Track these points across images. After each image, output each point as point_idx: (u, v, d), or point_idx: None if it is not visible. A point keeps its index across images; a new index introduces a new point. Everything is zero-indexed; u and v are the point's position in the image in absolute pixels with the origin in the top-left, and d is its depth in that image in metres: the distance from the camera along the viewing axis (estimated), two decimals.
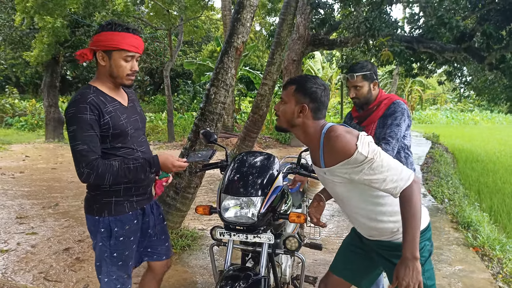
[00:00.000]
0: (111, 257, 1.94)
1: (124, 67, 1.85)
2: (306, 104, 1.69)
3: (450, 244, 4.27)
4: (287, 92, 1.75)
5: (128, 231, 1.94)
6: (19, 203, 5.63)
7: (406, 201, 1.54)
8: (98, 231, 1.91)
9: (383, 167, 1.55)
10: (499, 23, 6.99)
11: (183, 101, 23.43)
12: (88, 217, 1.95)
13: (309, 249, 3.04)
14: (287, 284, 2.52)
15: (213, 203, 5.25)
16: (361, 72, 2.48)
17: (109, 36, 1.80)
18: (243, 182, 1.91)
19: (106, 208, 1.90)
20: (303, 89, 1.71)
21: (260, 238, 1.93)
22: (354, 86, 2.50)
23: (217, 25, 23.71)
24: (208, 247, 3.69)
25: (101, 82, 1.89)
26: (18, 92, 22.81)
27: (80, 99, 1.77)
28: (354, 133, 1.62)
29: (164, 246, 2.21)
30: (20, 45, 14.04)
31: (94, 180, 1.76)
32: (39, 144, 12.55)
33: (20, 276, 3.36)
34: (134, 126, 1.95)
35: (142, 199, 2.02)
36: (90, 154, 1.75)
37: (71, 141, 1.76)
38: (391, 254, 1.76)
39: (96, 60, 1.86)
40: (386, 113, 2.49)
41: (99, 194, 1.91)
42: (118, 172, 1.80)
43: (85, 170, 1.74)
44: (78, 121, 1.74)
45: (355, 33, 7.92)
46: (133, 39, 1.84)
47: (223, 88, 3.65)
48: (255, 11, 3.75)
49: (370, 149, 1.56)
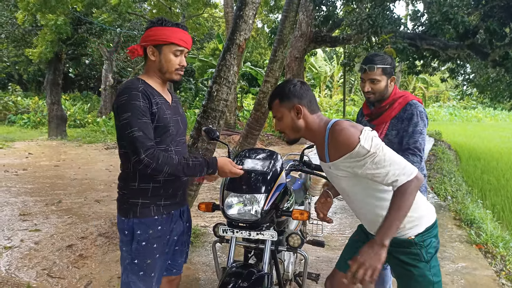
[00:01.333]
0: (132, 264, 1.84)
1: (174, 61, 1.84)
2: (298, 104, 1.73)
3: (453, 241, 4.26)
4: (275, 107, 1.79)
5: (152, 236, 1.84)
6: (22, 200, 5.65)
7: (399, 193, 1.55)
8: (123, 233, 1.86)
9: (385, 161, 1.56)
10: (502, 20, 6.96)
11: (185, 99, 23.46)
12: (118, 216, 1.91)
13: (311, 246, 3.05)
14: (289, 281, 2.52)
15: (215, 200, 5.25)
16: (382, 65, 2.24)
17: (159, 31, 1.81)
18: (246, 179, 1.91)
19: (131, 209, 1.83)
20: (285, 95, 1.76)
21: (263, 235, 1.92)
22: (371, 79, 2.26)
23: (219, 22, 23.66)
24: (211, 244, 3.69)
25: (149, 76, 1.88)
26: (21, 89, 22.87)
27: (131, 87, 1.75)
28: (358, 127, 1.63)
29: (183, 259, 2.11)
30: (23, 43, 14.07)
31: (152, 170, 1.69)
32: (42, 141, 12.58)
33: (24, 272, 3.38)
34: (176, 126, 1.90)
35: (170, 204, 1.91)
36: (148, 141, 1.69)
37: (124, 129, 1.69)
38: (396, 250, 1.76)
39: (145, 55, 1.87)
40: (401, 115, 2.28)
41: (127, 194, 1.84)
42: (177, 166, 1.73)
43: (145, 158, 1.66)
44: (132, 107, 1.70)
45: (357, 30, 7.89)
46: (182, 34, 1.84)
47: (225, 85, 3.65)
48: (258, 8, 3.74)
49: (373, 143, 1.56)
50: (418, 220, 1.71)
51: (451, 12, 6.71)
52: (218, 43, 17.30)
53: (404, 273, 1.79)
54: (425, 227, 1.72)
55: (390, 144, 2.22)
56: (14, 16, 12.57)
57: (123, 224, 1.85)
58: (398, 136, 2.30)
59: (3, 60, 19.30)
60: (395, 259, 1.79)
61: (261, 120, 5.99)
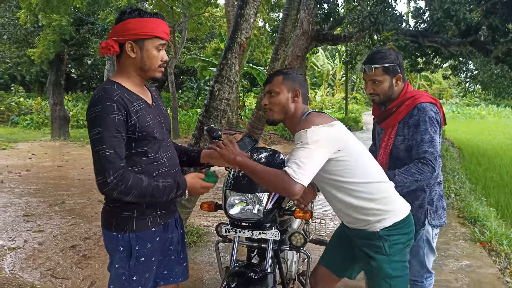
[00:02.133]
0: (130, 281, 1.68)
1: (157, 57, 1.63)
2: (299, 89, 1.79)
3: (457, 239, 4.24)
4: (275, 82, 1.81)
5: (150, 250, 1.69)
6: (26, 201, 5.67)
7: (275, 171, 1.61)
8: (116, 250, 1.66)
9: (306, 157, 1.57)
10: (505, 16, 6.91)
11: (187, 98, 23.46)
12: (106, 233, 1.69)
13: (314, 245, 3.04)
14: (293, 280, 2.52)
15: (218, 200, 5.25)
16: (381, 63, 2.01)
17: (140, 23, 1.57)
18: (248, 179, 1.91)
19: (126, 223, 1.64)
20: (291, 76, 1.81)
21: (266, 234, 1.92)
22: (372, 80, 2.05)
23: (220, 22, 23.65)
24: (214, 243, 3.70)
25: (125, 77, 1.64)
26: (23, 90, 22.93)
27: (105, 97, 1.53)
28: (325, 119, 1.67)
29: (182, 266, 1.93)
30: (25, 44, 14.11)
31: (118, 193, 1.52)
32: (45, 142, 12.62)
33: (28, 273, 3.39)
34: (160, 130, 1.70)
35: (166, 213, 1.76)
36: (118, 161, 1.51)
37: (95, 145, 1.51)
38: (362, 243, 1.81)
39: (119, 53, 1.62)
40: (407, 120, 2.03)
41: (119, 206, 1.64)
42: (146, 189, 1.57)
43: (113, 180, 1.49)
44: (104, 121, 1.50)
45: (359, 27, 7.87)
46: (164, 25, 1.64)
47: (227, 84, 3.64)
48: (259, 6, 3.72)
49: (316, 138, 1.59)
50: (386, 214, 1.73)
51: (453, 8, 6.67)
52: (220, 42, 17.29)
53: (366, 267, 1.85)
54: (393, 222, 1.74)
55: (397, 151, 2.09)
56: (16, 17, 12.60)
57: (116, 240, 1.65)
58: (404, 143, 2.06)
59: (6, 61, 19.36)
60: (361, 251, 1.83)
61: (263, 119, 5.97)
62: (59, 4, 9.97)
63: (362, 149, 1.77)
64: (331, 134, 1.63)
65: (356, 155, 1.71)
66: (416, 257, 2.11)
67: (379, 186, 1.75)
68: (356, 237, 1.85)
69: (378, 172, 1.78)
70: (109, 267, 1.73)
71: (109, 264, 1.73)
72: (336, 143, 1.64)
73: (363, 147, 1.80)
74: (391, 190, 1.79)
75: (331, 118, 1.71)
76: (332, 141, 1.63)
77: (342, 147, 1.65)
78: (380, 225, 1.73)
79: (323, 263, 2.07)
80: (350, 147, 1.69)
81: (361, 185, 1.70)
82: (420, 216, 2.06)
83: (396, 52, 2.08)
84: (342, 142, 1.66)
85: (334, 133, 1.64)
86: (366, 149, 1.82)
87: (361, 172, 1.71)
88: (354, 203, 1.73)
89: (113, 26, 1.63)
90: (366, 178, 1.71)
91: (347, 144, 1.68)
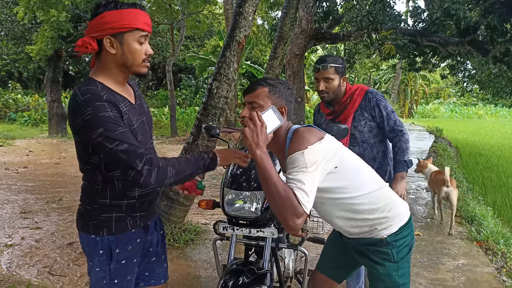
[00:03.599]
0: (111, 284, 1.61)
1: (139, 51, 1.49)
2: (285, 106, 1.61)
3: (453, 238, 4.26)
4: (259, 95, 1.59)
5: (131, 252, 1.63)
6: (23, 198, 5.66)
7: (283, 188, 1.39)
8: (95, 253, 1.58)
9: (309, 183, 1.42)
10: (503, 16, 6.93)
11: (185, 96, 23.44)
12: (83, 235, 1.60)
13: (312, 243, 3.04)
14: (290, 278, 2.52)
15: (216, 198, 5.25)
16: (335, 64, 2.40)
17: (117, 16, 1.43)
18: (246, 177, 1.91)
19: (105, 225, 1.56)
20: (278, 90, 1.61)
21: (263, 232, 1.93)
22: (325, 78, 2.41)
23: (219, 20, 23.62)
24: (211, 241, 3.70)
25: (106, 76, 1.51)
26: (21, 87, 22.86)
27: (93, 98, 1.40)
28: (317, 135, 1.52)
29: (162, 268, 1.88)
30: (23, 40, 14.05)
31: (156, 177, 1.42)
32: (42, 139, 12.59)
33: (25, 270, 3.38)
34: (142, 130, 1.59)
35: (146, 214, 1.69)
36: (137, 149, 1.41)
37: (104, 146, 1.39)
38: (367, 249, 1.72)
39: (98, 51, 1.49)
40: (365, 104, 2.46)
41: (97, 208, 1.56)
42: (179, 166, 1.48)
43: (144, 167, 1.39)
44: (101, 121, 1.38)
45: (358, 26, 7.88)
46: (145, 16, 1.49)
47: (225, 82, 3.64)
48: (257, 4, 3.72)
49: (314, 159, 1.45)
50: (392, 220, 1.66)
51: (453, 7, 6.68)
52: (219, 40, 17.27)
53: (372, 273, 1.74)
54: (399, 227, 1.67)
55: (361, 134, 2.50)
56: (13, 13, 12.55)
57: (95, 243, 1.57)
58: (367, 125, 2.49)
59: (3, 58, 19.29)
60: (365, 258, 1.75)
61: None
62: (57, 1, 9.94)
63: (355, 159, 1.67)
64: (326, 151, 1.50)
65: (352, 167, 1.62)
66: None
67: (379, 194, 1.66)
68: (359, 245, 1.77)
69: (375, 178, 1.70)
70: (89, 272, 1.65)
71: (89, 268, 1.64)
72: (333, 160, 1.52)
73: (354, 154, 1.69)
74: (390, 194, 1.73)
75: (320, 131, 1.57)
76: (329, 159, 1.51)
77: (338, 162, 1.54)
78: (387, 232, 1.66)
79: (320, 270, 2.01)
80: (345, 160, 1.58)
81: (363, 197, 1.61)
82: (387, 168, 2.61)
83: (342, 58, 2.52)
84: (337, 157, 1.54)
85: (329, 149, 1.51)
86: (356, 156, 1.70)
87: (360, 184, 1.62)
88: (357, 217, 1.64)
89: (89, 22, 1.50)
90: (366, 189, 1.62)
91: (342, 157, 1.56)
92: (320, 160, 1.46)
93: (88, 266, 1.65)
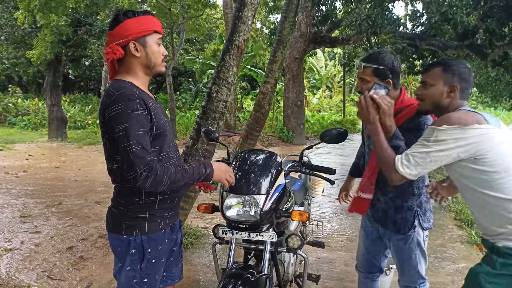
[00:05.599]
0: (141, 283, 1.69)
1: (158, 51, 1.67)
2: (457, 84, 1.70)
3: (453, 241, 4.26)
4: (433, 74, 1.74)
5: (161, 251, 1.72)
6: (23, 202, 5.65)
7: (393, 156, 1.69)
8: (127, 253, 1.65)
9: (419, 154, 1.59)
10: (502, 20, 6.96)
11: (185, 100, 23.46)
12: (114, 236, 1.68)
13: (312, 247, 3.04)
14: (289, 282, 2.52)
15: (215, 201, 5.26)
16: (373, 64, 1.97)
17: (137, 22, 1.61)
18: (245, 180, 1.91)
19: (138, 225, 1.65)
20: (451, 69, 1.71)
21: (263, 236, 1.92)
22: (361, 78, 2.03)
23: (218, 24, 23.69)
24: (211, 245, 3.70)
25: (134, 77, 1.66)
26: (21, 91, 22.88)
27: (126, 93, 1.54)
28: (466, 119, 1.53)
29: (178, 268, 1.97)
30: (23, 44, 14.08)
31: (150, 184, 1.52)
32: (42, 143, 12.59)
33: (24, 274, 3.38)
34: (168, 129, 1.74)
35: (174, 214, 1.80)
36: (147, 155, 1.52)
37: (121, 141, 1.51)
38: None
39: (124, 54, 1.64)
40: (407, 126, 1.94)
41: (132, 209, 1.65)
42: (176, 176, 1.58)
43: (143, 173, 1.50)
44: (130, 117, 1.51)
45: (357, 30, 7.91)
46: (157, 21, 1.68)
47: (224, 86, 3.65)
48: (257, 8, 3.74)
49: (442, 138, 1.53)
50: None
51: (450, 12, 6.72)
52: (219, 44, 17.31)
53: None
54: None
55: None
56: (13, 17, 12.58)
57: (127, 243, 1.65)
58: None
59: (3, 62, 19.33)
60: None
61: (261, 121, 5.99)
62: (57, 6, 9.97)
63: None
64: (464, 137, 1.49)
65: (504, 166, 1.50)
66: (408, 261, 2.10)
67: None
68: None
69: None
70: (117, 272, 1.72)
71: (118, 269, 1.71)
72: (470, 149, 1.49)
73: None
74: None
75: (479, 119, 1.53)
76: (464, 146, 1.49)
77: (482, 155, 1.49)
78: (506, 243, 1.52)
79: None
80: (496, 156, 1.49)
81: (503, 202, 1.51)
82: (410, 218, 2.03)
83: (395, 57, 2.01)
84: (481, 149, 1.48)
85: (470, 137, 1.49)
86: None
87: (509, 188, 1.50)
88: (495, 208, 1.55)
89: (110, 32, 1.64)
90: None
91: (491, 152, 1.48)
92: (449, 141, 1.52)
93: (116, 267, 1.72)
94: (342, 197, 2.63)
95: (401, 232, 2.05)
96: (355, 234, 4.46)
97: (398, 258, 2.16)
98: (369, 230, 2.28)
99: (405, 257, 2.09)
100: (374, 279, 2.40)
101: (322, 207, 5.57)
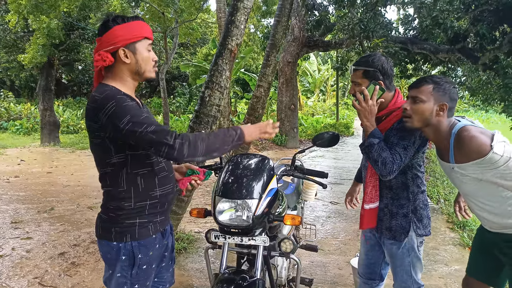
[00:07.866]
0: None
1: (148, 57, 1.64)
2: (446, 103, 1.71)
3: (446, 244, 4.28)
4: (424, 91, 1.74)
5: (152, 257, 1.70)
6: (14, 207, 5.59)
7: None
8: (118, 260, 1.63)
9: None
10: (492, 24, 7.04)
11: (179, 104, 23.43)
12: (104, 243, 1.65)
13: (305, 250, 3.04)
14: (283, 286, 2.52)
15: (208, 206, 5.24)
16: (363, 66, 1.99)
17: (126, 28, 1.57)
18: (237, 185, 1.90)
19: (128, 231, 1.62)
20: (442, 88, 1.73)
21: (255, 240, 1.92)
22: (353, 81, 2.04)
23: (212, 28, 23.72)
24: (204, 250, 3.68)
25: (118, 83, 1.61)
26: (13, 95, 22.68)
27: (112, 94, 1.52)
28: (488, 133, 1.64)
29: (169, 273, 1.94)
30: (15, 48, 13.98)
31: (188, 151, 1.45)
32: (34, 148, 12.48)
33: (15, 281, 3.34)
34: None
35: (165, 219, 1.77)
36: (165, 127, 1.47)
37: (134, 131, 1.44)
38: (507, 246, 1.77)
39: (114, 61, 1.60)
40: (397, 126, 1.97)
41: (121, 215, 1.62)
42: (209, 139, 1.52)
43: (175, 141, 1.43)
44: (127, 108, 1.47)
45: (349, 34, 7.96)
46: (147, 26, 1.65)
47: (217, 90, 3.65)
48: (249, 13, 3.75)
49: (505, 148, 1.58)
50: None
51: (441, 16, 6.78)
52: (213, 48, 17.33)
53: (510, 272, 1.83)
54: None
55: None
56: (5, 21, 12.51)
57: (117, 250, 1.63)
58: None
59: None
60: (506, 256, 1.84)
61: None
62: (49, 9, 9.92)
63: None
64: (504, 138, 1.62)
65: None
66: (401, 266, 2.09)
67: None
68: (502, 241, 1.82)
69: None
70: (107, 279, 1.70)
71: (108, 276, 1.68)
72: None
73: None
74: None
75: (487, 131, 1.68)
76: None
77: None
78: None
79: (470, 274, 2.09)
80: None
81: None
82: (405, 225, 2.03)
83: (386, 59, 2.01)
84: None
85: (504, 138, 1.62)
86: None
87: None
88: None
89: (99, 38, 1.60)
90: None
91: None
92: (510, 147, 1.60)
93: (106, 274, 1.70)
94: (347, 202, 2.60)
95: (396, 239, 2.06)
96: (349, 237, 4.47)
97: (391, 262, 2.17)
98: (367, 236, 2.29)
99: (398, 262, 2.10)
100: (373, 286, 2.37)
101: (316, 210, 5.57)
